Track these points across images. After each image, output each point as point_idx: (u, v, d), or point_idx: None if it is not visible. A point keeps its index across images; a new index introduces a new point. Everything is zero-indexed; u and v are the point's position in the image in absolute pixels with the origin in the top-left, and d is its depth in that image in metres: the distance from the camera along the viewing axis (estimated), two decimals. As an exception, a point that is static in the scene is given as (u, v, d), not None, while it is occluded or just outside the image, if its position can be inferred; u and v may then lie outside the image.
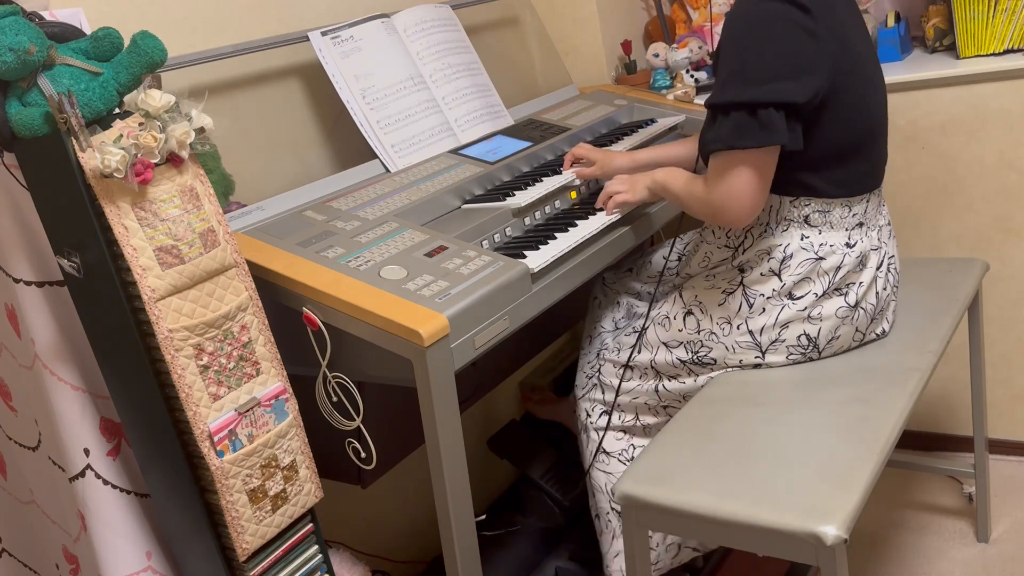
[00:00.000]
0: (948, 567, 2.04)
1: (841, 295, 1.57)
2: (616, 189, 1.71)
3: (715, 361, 1.64)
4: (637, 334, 1.75)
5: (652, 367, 1.72)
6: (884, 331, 1.67)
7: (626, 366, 1.75)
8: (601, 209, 1.73)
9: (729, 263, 1.63)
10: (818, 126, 1.48)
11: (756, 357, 1.61)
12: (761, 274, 1.58)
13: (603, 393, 1.81)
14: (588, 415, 1.83)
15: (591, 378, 1.84)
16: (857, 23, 1.58)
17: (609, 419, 1.79)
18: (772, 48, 1.42)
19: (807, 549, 1.24)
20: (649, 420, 1.77)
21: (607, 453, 1.80)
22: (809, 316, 1.57)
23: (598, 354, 1.85)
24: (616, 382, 1.77)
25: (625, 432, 1.80)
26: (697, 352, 1.65)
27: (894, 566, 2.07)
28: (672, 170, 1.65)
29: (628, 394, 1.76)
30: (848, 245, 1.56)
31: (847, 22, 1.52)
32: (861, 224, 1.58)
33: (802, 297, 1.56)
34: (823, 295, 1.56)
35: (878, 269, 1.61)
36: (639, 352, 1.73)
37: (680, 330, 1.66)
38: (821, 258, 1.55)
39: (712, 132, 1.47)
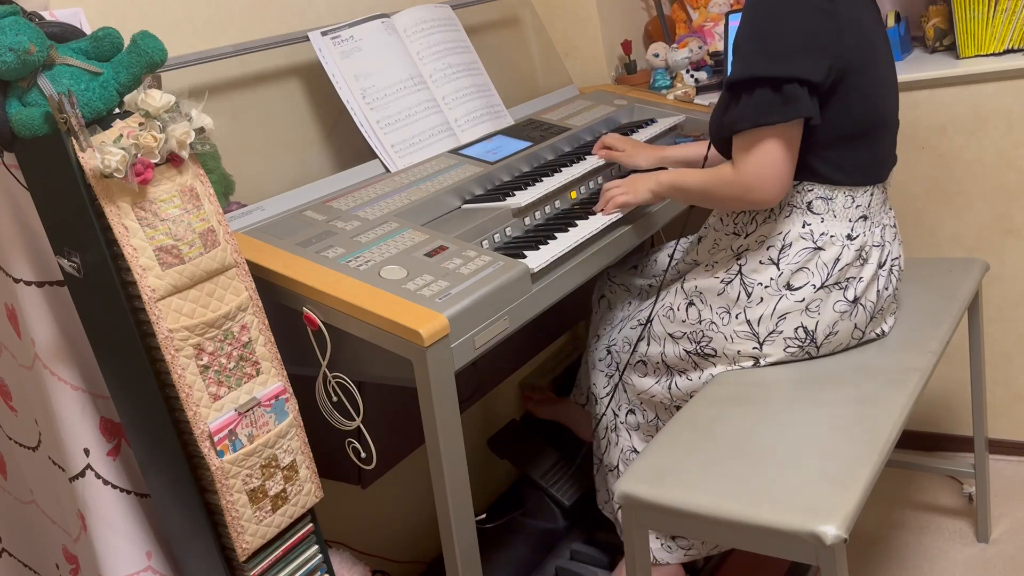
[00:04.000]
0: (948, 567, 2.04)
1: (840, 289, 1.57)
2: (615, 192, 1.71)
3: (715, 352, 1.64)
4: (642, 326, 1.75)
5: (663, 361, 1.72)
6: (884, 332, 1.67)
7: (641, 360, 1.76)
8: (593, 209, 1.73)
9: (730, 249, 1.63)
10: (827, 108, 1.50)
11: (754, 348, 1.61)
12: (760, 262, 1.58)
13: (626, 392, 1.82)
14: (616, 414, 1.83)
15: (611, 378, 1.85)
16: (876, 19, 1.61)
17: (626, 415, 1.81)
18: (791, 26, 1.45)
19: (807, 549, 1.24)
20: (667, 418, 1.78)
21: (637, 453, 1.80)
22: (807, 308, 1.57)
23: (608, 350, 1.86)
24: (639, 381, 1.78)
25: (652, 437, 1.81)
26: (699, 342, 1.65)
27: (894, 566, 2.07)
28: (679, 170, 1.66)
29: (645, 392, 1.77)
30: (849, 237, 1.56)
31: (866, 15, 1.56)
32: (865, 217, 1.58)
33: (800, 288, 1.57)
34: (821, 287, 1.56)
35: (880, 267, 1.61)
36: (648, 345, 1.73)
37: (683, 321, 1.67)
38: (820, 248, 1.56)
39: (736, 111, 1.48)
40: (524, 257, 1.51)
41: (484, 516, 2.16)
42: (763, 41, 1.46)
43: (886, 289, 1.63)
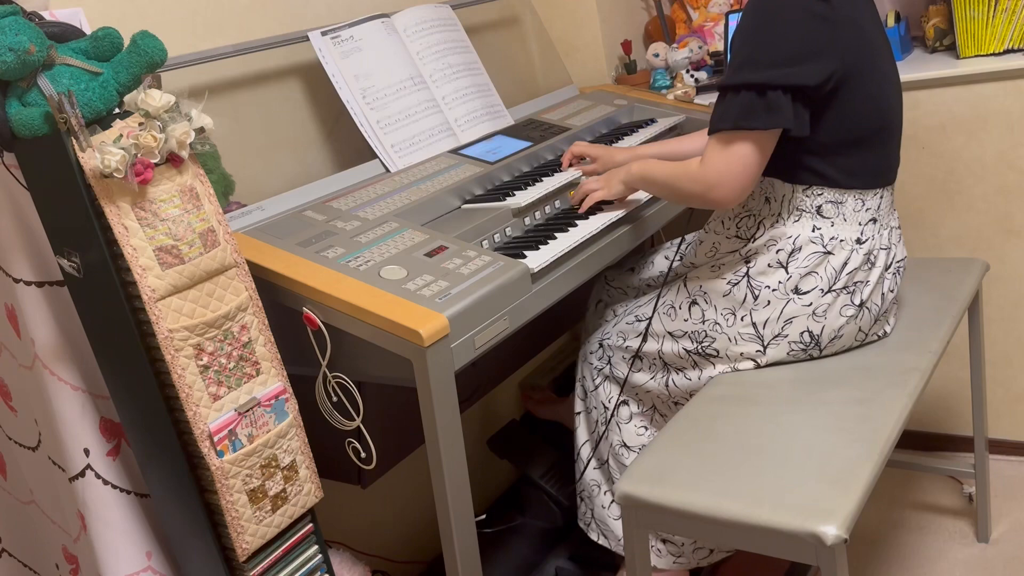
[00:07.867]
0: (948, 567, 2.04)
1: (848, 293, 1.57)
2: (591, 187, 1.71)
3: (717, 352, 1.64)
4: (643, 323, 1.75)
5: (660, 357, 1.72)
6: (886, 332, 1.67)
7: (635, 356, 1.75)
8: (593, 209, 1.73)
9: (738, 253, 1.63)
10: (830, 111, 1.49)
11: (757, 350, 1.61)
12: (768, 265, 1.58)
13: (617, 384, 1.81)
14: (606, 408, 1.83)
15: (602, 371, 1.84)
16: (874, 19, 1.60)
17: (616, 408, 1.80)
18: (785, 33, 1.45)
19: (807, 549, 1.24)
20: (666, 412, 1.77)
21: (628, 447, 1.80)
22: (814, 313, 1.57)
23: (601, 343, 1.85)
24: (626, 371, 1.77)
25: (646, 428, 1.80)
26: (702, 342, 1.65)
27: (894, 566, 2.07)
28: (648, 160, 1.66)
29: (640, 387, 1.77)
30: (859, 241, 1.56)
31: (865, 15, 1.54)
32: (874, 220, 1.58)
33: (808, 292, 1.56)
34: (829, 291, 1.56)
35: (886, 270, 1.61)
36: (645, 342, 1.73)
37: (686, 320, 1.67)
38: (829, 252, 1.55)
39: (720, 110, 1.48)
40: (524, 257, 1.51)
41: (484, 516, 2.16)
42: (754, 48, 1.46)
43: (891, 291, 1.63)
